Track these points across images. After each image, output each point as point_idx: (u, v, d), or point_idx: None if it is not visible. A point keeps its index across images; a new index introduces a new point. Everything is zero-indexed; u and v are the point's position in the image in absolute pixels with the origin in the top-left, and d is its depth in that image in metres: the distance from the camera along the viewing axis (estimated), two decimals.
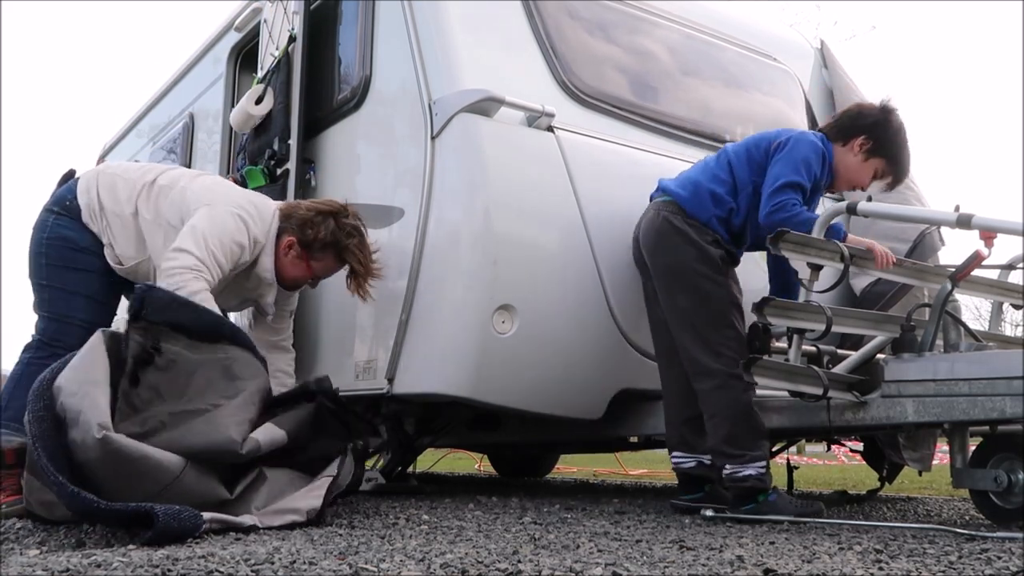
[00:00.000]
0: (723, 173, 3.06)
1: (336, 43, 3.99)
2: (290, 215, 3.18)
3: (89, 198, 3.19)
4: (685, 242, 2.98)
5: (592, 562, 1.83)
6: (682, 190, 3.07)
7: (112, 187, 3.20)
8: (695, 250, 2.97)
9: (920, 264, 3.26)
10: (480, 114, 3.16)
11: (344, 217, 3.17)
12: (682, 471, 3.07)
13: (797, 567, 1.81)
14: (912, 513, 3.57)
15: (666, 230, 3.01)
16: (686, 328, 2.94)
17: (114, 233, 3.18)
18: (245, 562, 1.75)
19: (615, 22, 3.83)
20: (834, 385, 2.78)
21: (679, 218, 3.01)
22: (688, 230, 2.99)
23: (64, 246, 3.18)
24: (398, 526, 2.50)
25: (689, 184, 3.08)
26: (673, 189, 3.09)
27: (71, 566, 1.67)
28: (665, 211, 3.05)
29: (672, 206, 3.05)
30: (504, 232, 3.11)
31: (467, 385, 3.08)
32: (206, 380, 2.56)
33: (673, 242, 2.99)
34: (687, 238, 2.98)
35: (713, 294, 2.94)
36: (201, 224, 2.98)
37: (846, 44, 17.73)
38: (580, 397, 3.28)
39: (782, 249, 2.79)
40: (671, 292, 2.99)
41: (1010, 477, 2.62)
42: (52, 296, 3.16)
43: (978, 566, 1.85)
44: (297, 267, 3.20)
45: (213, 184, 3.24)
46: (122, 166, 3.37)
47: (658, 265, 3.04)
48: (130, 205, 3.17)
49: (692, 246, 2.98)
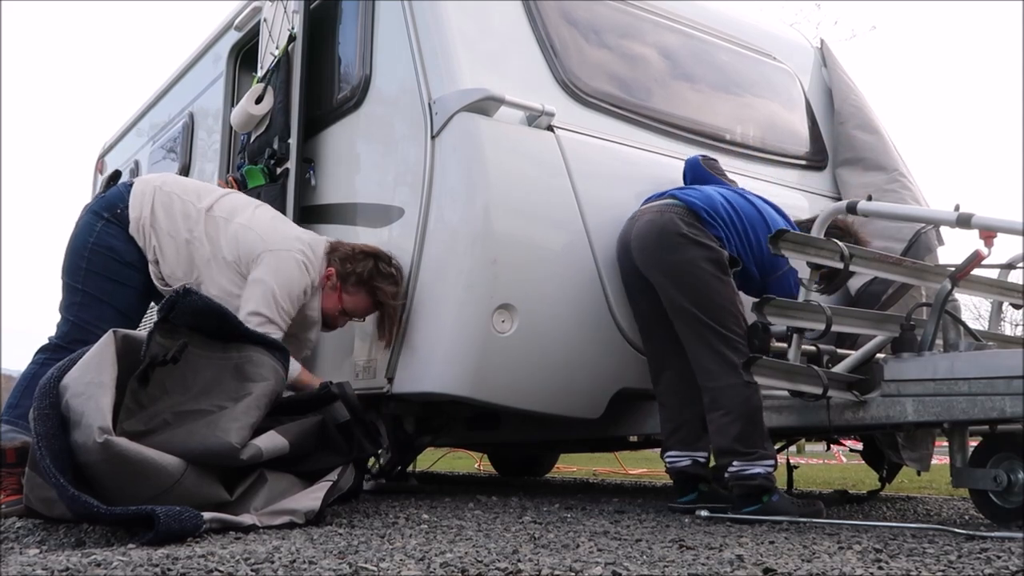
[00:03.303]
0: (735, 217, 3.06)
1: (336, 42, 3.99)
2: (336, 249, 3.27)
3: (142, 213, 3.20)
4: (691, 241, 2.94)
5: (592, 561, 1.83)
6: (696, 199, 3.04)
7: (169, 207, 3.22)
8: (702, 249, 2.93)
9: (920, 264, 3.26)
10: (480, 113, 3.16)
11: (385, 262, 3.23)
12: (677, 470, 3.05)
13: (797, 566, 1.81)
14: (912, 513, 3.57)
15: (671, 229, 2.96)
16: (694, 327, 2.90)
17: (164, 252, 3.20)
18: (245, 561, 1.75)
19: (615, 21, 3.82)
20: (834, 385, 2.78)
21: (686, 219, 2.97)
22: (695, 231, 2.96)
23: (109, 256, 3.19)
24: (398, 525, 2.50)
25: (705, 197, 3.06)
26: (685, 195, 3.07)
27: (71, 565, 1.67)
28: (671, 212, 3.01)
29: (680, 209, 3.01)
30: (504, 231, 3.11)
31: (467, 384, 3.08)
32: (215, 379, 2.56)
33: (678, 240, 2.94)
34: (692, 238, 2.94)
35: (721, 292, 2.90)
36: (268, 279, 3.07)
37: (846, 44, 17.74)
38: (580, 396, 3.28)
39: (782, 249, 2.79)
40: (677, 291, 2.93)
41: (1010, 477, 2.62)
42: (83, 301, 3.17)
43: (978, 566, 1.85)
44: (330, 299, 3.26)
45: (271, 223, 3.27)
46: (180, 184, 3.37)
47: (663, 263, 2.98)
48: (187, 231, 3.20)
49: (698, 246, 2.94)
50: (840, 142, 4.34)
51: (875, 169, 4.18)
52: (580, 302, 3.22)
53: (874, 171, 4.17)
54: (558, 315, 3.17)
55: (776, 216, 3.16)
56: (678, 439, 3.04)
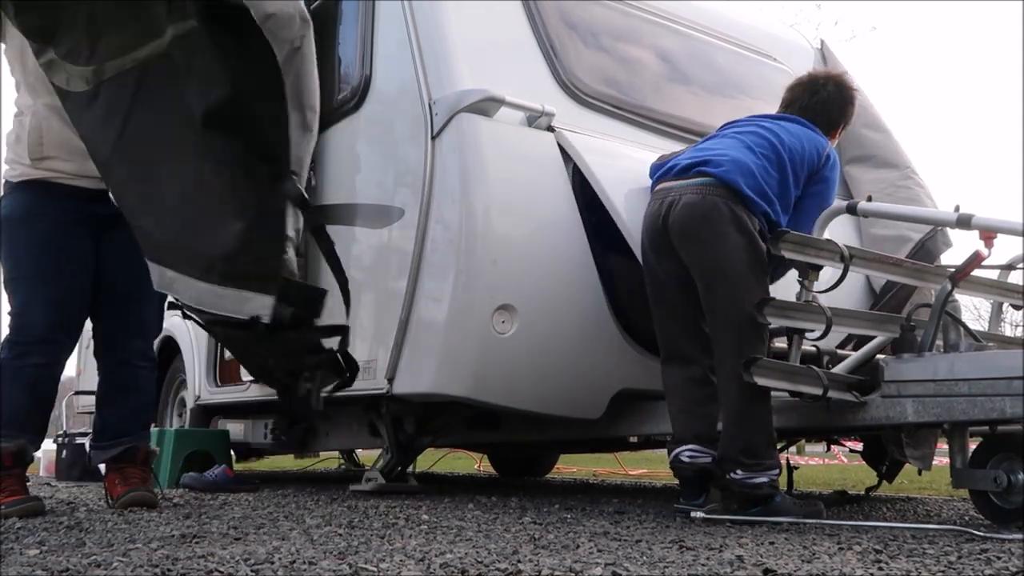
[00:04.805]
0: (772, 168, 2.87)
1: (336, 43, 3.98)
2: None
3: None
4: (738, 230, 2.76)
5: (592, 562, 1.83)
6: (738, 175, 2.81)
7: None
8: (747, 240, 2.75)
9: (920, 264, 3.26)
10: (480, 114, 3.16)
11: None
12: (699, 466, 2.84)
13: (797, 567, 1.81)
14: (912, 513, 3.57)
15: (716, 216, 2.76)
16: (727, 329, 2.78)
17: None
18: (245, 562, 1.75)
19: (615, 22, 3.83)
20: (834, 385, 2.78)
21: (732, 202, 2.78)
22: (743, 217, 2.77)
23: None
24: (398, 526, 2.50)
25: (744, 168, 2.83)
26: (725, 173, 2.82)
27: (71, 566, 1.68)
28: (714, 194, 2.80)
29: (723, 190, 2.80)
30: (504, 232, 3.11)
31: (467, 385, 3.08)
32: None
33: (724, 230, 2.76)
34: (740, 226, 2.76)
35: (755, 292, 2.76)
36: None
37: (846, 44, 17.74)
38: (580, 397, 3.28)
39: (782, 249, 2.79)
40: (718, 287, 2.78)
41: (1010, 477, 2.61)
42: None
43: (978, 566, 1.85)
44: None
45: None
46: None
47: (704, 256, 2.80)
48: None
49: (744, 235, 2.76)
50: (848, 140, 4.32)
51: (886, 166, 4.17)
52: (580, 303, 3.22)
53: (885, 168, 4.16)
54: (558, 316, 3.17)
55: (799, 130, 2.99)
56: (696, 434, 2.86)
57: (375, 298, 3.50)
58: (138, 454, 3.05)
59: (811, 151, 2.95)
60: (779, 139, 2.93)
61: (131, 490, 2.95)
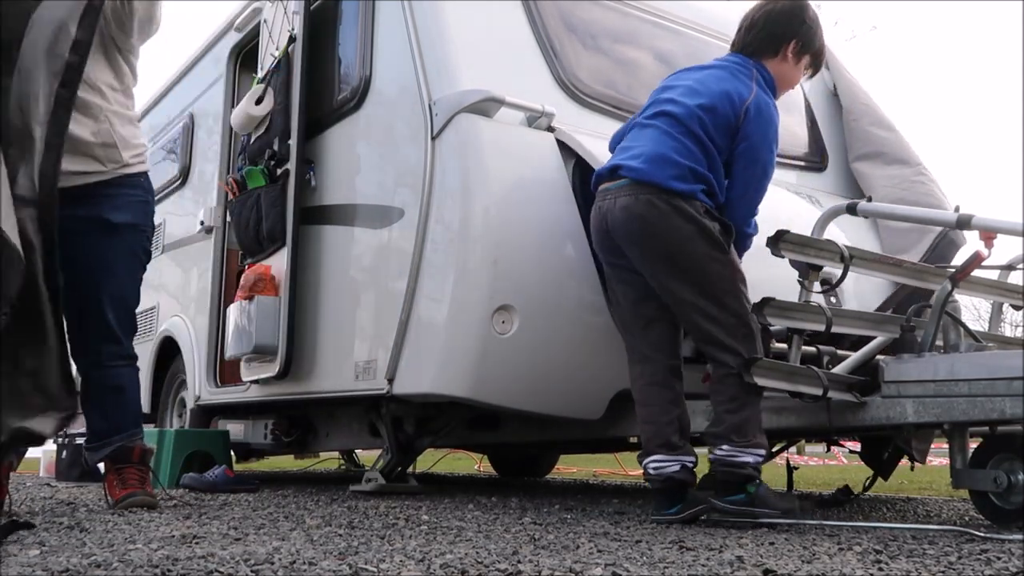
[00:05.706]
0: (691, 142, 2.76)
1: (336, 43, 3.99)
2: None
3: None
4: (680, 220, 2.71)
5: (592, 562, 1.83)
6: (658, 170, 2.74)
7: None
8: (693, 226, 2.70)
9: (920, 265, 3.26)
10: (480, 114, 3.16)
11: None
12: (665, 476, 2.77)
13: (797, 567, 1.81)
14: (912, 513, 3.57)
15: (653, 213, 2.72)
16: (692, 317, 2.75)
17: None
18: (245, 562, 1.75)
19: (615, 22, 3.83)
20: (834, 386, 2.78)
21: (666, 196, 2.72)
22: (682, 206, 2.71)
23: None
24: (398, 526, 2.50)
25: (663, 158, 2.75)
26: (644, 174, 2.75)
27: (71, 567, 1.68)
28: (646, 193, 2.74)
29: (651, 187, 2.74)
30: (504, 232, 3.11)
31: (467, 385, 3.08)
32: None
33: (665, 224, 2.71)
34: (682, 215, 2.71)
35: (720, 275, 2.73)
36: None
37: (847, 44, 17.73)
38: (580, 397, 3.28)
39: (781, 249, 2.79)
40: (672, 279, 2.75)
41: (1010, 477, 2.61)
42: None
43: (978, 566, 1.85)
44: None
45: None
46: None
47: (651, 251, 2.76)
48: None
49: (689, 222, 2.70)
50: (856, 138, 4.31)
51: (897, 163, 4.15)
52: (580, 303, 3.22)
53: (896, 164, 4.15)
54: (558, 316, 3.17)
55: (714, 87, 2.83)
56: (664, 442, 2.79)
57: (375, 298, 3.50)
58: (133, 452, 3.05)
59: (725, 110, 2.79)
60: (686, 110, 2.81)
61: (130, 495, 2.95)
